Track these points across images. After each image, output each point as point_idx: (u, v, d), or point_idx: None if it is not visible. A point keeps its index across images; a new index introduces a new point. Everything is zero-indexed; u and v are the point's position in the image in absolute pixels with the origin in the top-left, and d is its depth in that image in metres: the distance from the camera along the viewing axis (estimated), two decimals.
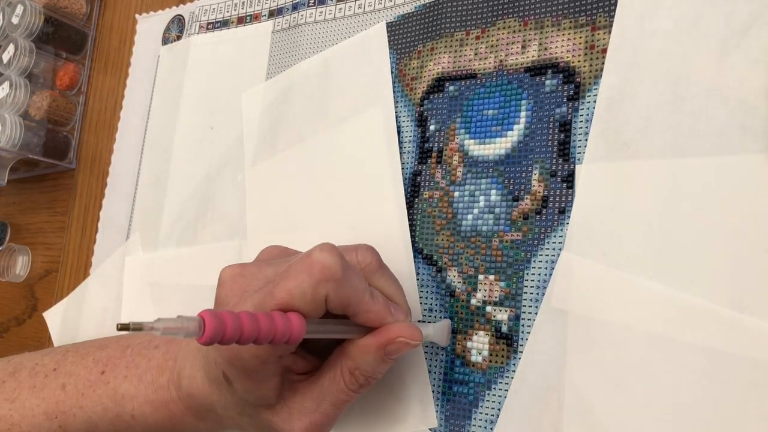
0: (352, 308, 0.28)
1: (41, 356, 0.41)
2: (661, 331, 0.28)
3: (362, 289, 0.29)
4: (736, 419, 0.26)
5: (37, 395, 0.38)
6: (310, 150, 0.42)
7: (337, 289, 0.27)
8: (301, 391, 0.30)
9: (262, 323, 0.25)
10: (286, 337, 0.26)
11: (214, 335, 0.23)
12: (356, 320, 0.29)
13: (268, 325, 0.25)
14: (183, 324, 0.23)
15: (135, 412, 0.35)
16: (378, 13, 0.42)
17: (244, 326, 0.24)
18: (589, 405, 0.29)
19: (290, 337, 0.26)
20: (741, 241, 0.27)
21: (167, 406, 0.34)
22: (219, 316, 0.24)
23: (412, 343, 0.30)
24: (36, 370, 0.39)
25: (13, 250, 0.62)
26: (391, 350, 0.29)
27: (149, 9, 0.57)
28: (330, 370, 0.30)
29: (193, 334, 0.23)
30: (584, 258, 0.31)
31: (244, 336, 0.24)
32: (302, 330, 0.26)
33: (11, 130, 0.56)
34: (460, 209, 0.36)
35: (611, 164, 0.31)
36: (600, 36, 0.33)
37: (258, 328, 0.25)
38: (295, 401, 0.30)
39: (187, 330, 0.23)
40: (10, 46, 0.59)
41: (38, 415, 0.37)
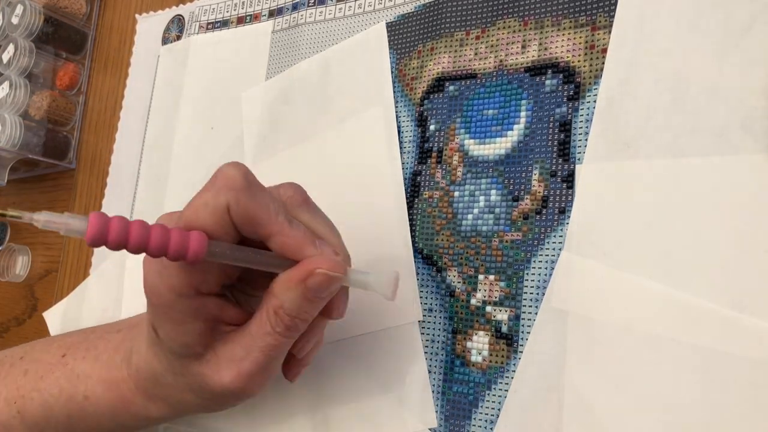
0: (263, 228, 0.27)
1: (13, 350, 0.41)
2: (661, 331, 0.28)
3: (273, 208, 0.27)
4: (736, 419, 0.26)
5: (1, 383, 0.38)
6: (310, 150, 0.42)
7: (239, 198, 0.26)
8: (231, 339, 0.29)
9: (154, 233, 0.24)
10: (183, 251, 0.25)
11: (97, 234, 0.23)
12: (271, 245, 0.27)
13: (160, 236, 0.24)
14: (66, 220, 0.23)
15: (88, 393, 0.35)
16: (378, 13, 0.42)
17: (132, 233, 0.24)
18: (589, 405, 0.29)
19: (187, 251, 0.25)
20: (741, 241, 0.27)
21: (118, 385, 0.34)
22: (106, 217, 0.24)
23: (333, 275, 0.27)
24: (4, 361, 0.39)
25: (13, 250, 0.62)
26: (312, 284, 0.27)
27: (149, 9, 0.57)
28: (258, 313, 0.28)
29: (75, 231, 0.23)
30: (584, 258, 0.31)
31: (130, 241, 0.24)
32: (202, 244, 0.25)
33: (11, 130, 0.56)
34: (460, 209, 0.36)
35: (611, 164, 0.31)
36: (600, 36, 0.33)
37: (147, 237, 0.24)
38: (225, 350, 0.29)
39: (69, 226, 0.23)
40: (10, 46, 0.59)
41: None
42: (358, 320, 0.37)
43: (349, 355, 0.37)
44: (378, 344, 0.36)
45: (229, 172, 0.26)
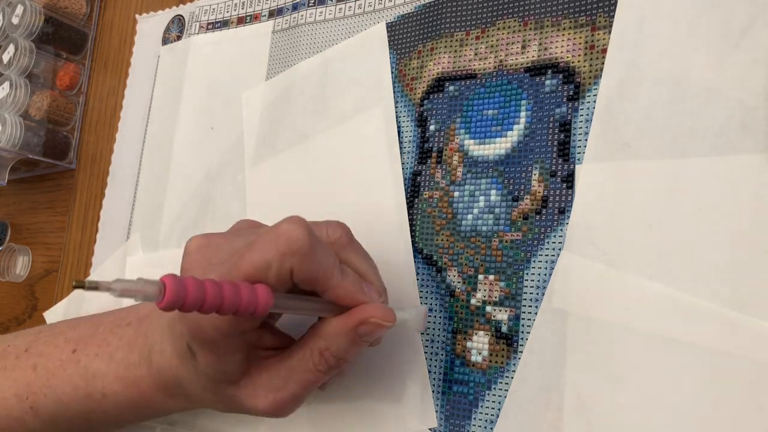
0: (320, 284, 0.27)
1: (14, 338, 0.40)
2: (661, 331, 0.28)
3: (330, 264, 0.27)
4: (736, 419, 0.26)
5: (8, 377, 0.37)
6: (310, 150, 0.42)
7: (303, 263, 0.26)
8: (269, 367, 0.29)
9: (226, 292, 0.24)
10: (251, 309, 0.25)
11: (174, 300, 0.22)
12: (326, 297, 0.28)
13: (232, 294, 0.24)
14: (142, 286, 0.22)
15: (106, 390, 0.35)
16: (378, 13, 0.42)
17: (207, 293, 0.23)
18: (589, 405, 0.29)
19: (256, 308, 0.25)
20: (741, 241, 0.27)
21: (137, 383, 0.34)
22: (181, 281, 0.23)
23: (385, 325, 0.28)
24: (7, 352, 0.39)
25: (13, 250, 0.62)
26: (363, 332, 0.28)
27: (149, 9, 0.57)
28: (300, 349, 0.29)
29: (152, 297, 0.22)
30: (584, 258, 0.31)
31: (206, 304, 0.23)
32: (269, 302, 0.25)
33: (11, 130, 0.56)
34: (460, 209, 0.36)
35: (611, 164, 0.31)
36: (600, 36, 0.33)
37: (221, 296, 0.24)
38: (262, 377, 0.29)
39: (146, 293, 0.22)
40: (10, 46, 0.59)
41: (9, 397, 0.36)
42: None
43: None
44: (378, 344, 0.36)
45: (293, 233, 0.26)
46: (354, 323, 0.28)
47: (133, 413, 0.35)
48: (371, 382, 0.36)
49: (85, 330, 0.38)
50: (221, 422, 0.41)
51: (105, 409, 0.35)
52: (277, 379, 0.29)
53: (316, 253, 0.27)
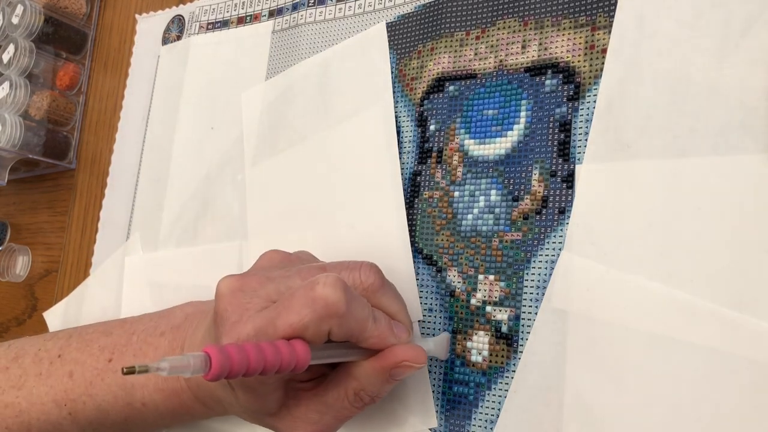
0: (355, 337, 0.29)
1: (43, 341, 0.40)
2: (661, 331, 0.28)
3: (365, 317, 0.28)
4: (736, 419, 0.26)
5: (44, 383, 0.37)
6: (310, 150, 0.42)
7: (341, 325, 0.27)
8: (305, 402, 0.31)
9: (268, 355, 0.25)
10: (291, 367, 0.26)
11: (221, 371, 0.24)
12: (359, 344, 0.29)
13: (273, 356, 0.25)
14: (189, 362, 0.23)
15: (146, 400, 0.35)
16: (378, 13, 0.42)
17: (251, 360, 0.24)
18: (589, 405, 0.29)
19: (296, 366, 0.26)
20: (741, 241, 0.27)
21: (178, 394, 0.35)
22: (225, 351, 0.24)
23: (417, 366, 0.30)
24: (40, 356, 0.39)
25: (13, 250, 0.62)
26: (397, 373, 0.30)
27: (149, 9, 0.57)
28: (335, 388, 0.30)
29: (199, 371, 0.23)
30: (584, 258, 0.31)
31: (250, 370, 0.24)
32: (307, 359, 0.26)
33: (11, 130, 0.56)
34: (460, 209, 0.36)
35: (611, 164, 0.31)
36: (600, 36, 0.33)
37: (264, 360, 0.25)
38: (299, 411, 0.31)
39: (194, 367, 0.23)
40: (10, 46, 0.59)
41: (47, 402, 0.37)
42: None
43: None
44: None
45: (330, 297, 0.26)
46: (388, 366, 0.29)
47: (174, 420, 0.36)
48: None
49: (118, 338, 0.38)
50: (221, 422, 0.41)
51: (145, 416, 0.36)
52: (315, 414, 0.30)
53: (352, 313, 0.27)
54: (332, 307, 0.26)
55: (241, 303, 0.29)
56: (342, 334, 0.28)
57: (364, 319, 0.28)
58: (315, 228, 0.41)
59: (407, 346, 0.30)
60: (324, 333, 0.27)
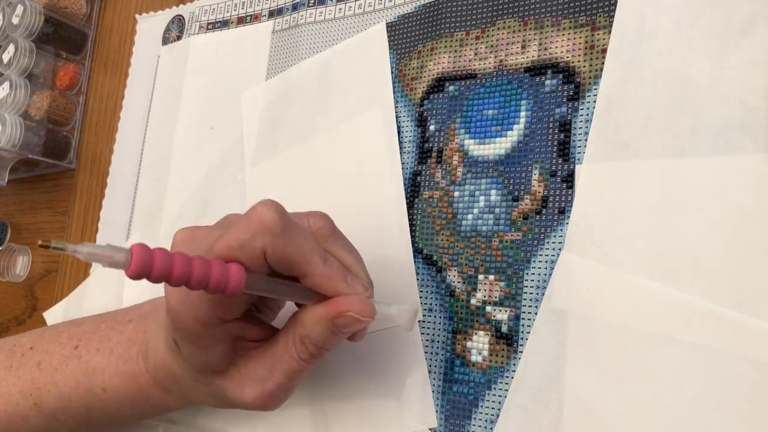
0: (298, 267, 0.27)
1: (19, 337, 0.41)
2: (661, 331, 0.28)
3: (308, 248, 0.27)
4: (736, 419, 0.26)
5: (14, 374, 0.38)
6: (310, 150, 0.42)
7: (276, 242, 0.26)
8: (255, 358, 0.29)
9: (196, 265, 0.24)
10: (222, 285, 0.25)
11: (140, 269, 0.22)
12: (306, 283, 0.28)
13: (202, 268, 0.24)
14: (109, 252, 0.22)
15: (105, 385, 0.35)
16: (378, 13, 0.42)
17: (175, 265, 0.23)
18: (589, 405, 0.29)
19: (227, 286, 0.25)
20: (741, 241, 0.27)
21: (136, 378, 0.34)
22: (149, 251, 0.23)
23: (362, 320, 0.28)
24: (13, 351, 0.39)
25: (13, 250, 0.62)
26: (340, 324, 0.28)
27: (149, 9, 0.57)
28: (283, 336, 0.29)
29: (118, 264, 0.22)
30: (584, 258, 0.31)
31: (173, 275, 0.23)
32: (241, 280, 0.25)
33: (11, 130, 0.56)
34: (460, 209, 0.36)
35: (611, 164, 0.31)
36: (600, 36, 0.33)
37: (190, 268, 0.24)
38: (248, 368, 0.29)
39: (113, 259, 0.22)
40: (10, 46, 0.59)
41: (14, 393, 0.37)
42: None
43: (349, 355, 0.37)
44: (378, 344, 0.36)
45: (265, 214, 0.26)
46: (332, 314, 0.28)
47: (132, 409, 0.36)
48: (371, 382, 0.36)
49: (88, 327, 0.39)
50: (221, 421, 0.41)
51: (105, 404, 0.36)
52: (263, 369, 0.29)
53: (290, 234, 0.26)
54: (265, 222, 0.26)
55: (189, 247, 0.28)
56: (279, 258, 0.26)
57: (307, 249, 0.27)
58: None
59: (356, 297, 0.28)
60: (258, 251, 0.26)
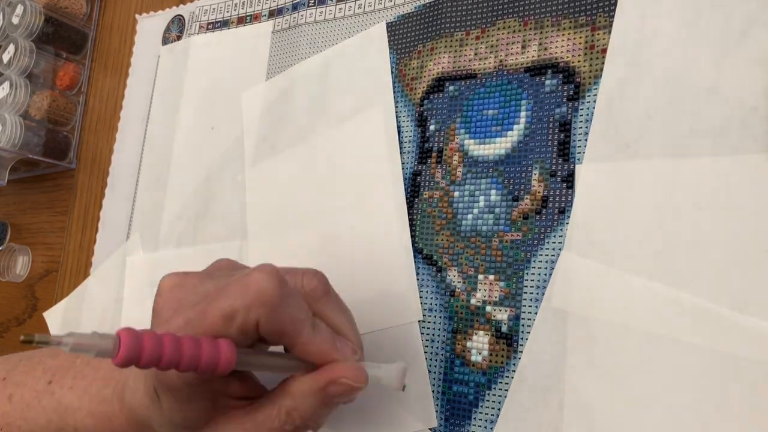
0: (289, 339, 0.26)
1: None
2: (661, 331, 0.28)
3: (301, 319, 0.26)
4: (736, 419, 0.26)
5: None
6: (310, 150, 0.42)
7: (270, 315, 0.25)
8: (234, 419, 0.28)
9: (186, 349, 0.23)
10: (211, 367, 0.24)
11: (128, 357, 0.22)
12: (295, 353, 0.27)
13: (192, 351, 0.23)
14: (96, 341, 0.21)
15: (78, 425, 0.34)
16: (378, 13, 0.42)
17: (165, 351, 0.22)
18: (589, 405, 0.29)
19: (217, 367, 0.24)
20: (741, 241, 0.27)
21: (110, 419, 0.33)
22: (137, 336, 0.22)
23: (356, 386, 0.27)
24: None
25: (13, 250, 0.62)
26: (332, 392, 0.27)
27: (149, 9, 0.57)
28: (267, 405, 0.28)
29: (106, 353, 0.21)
30: (584, 258, 0.31)
31: (163, 361, 0.22)
32: (231, 360, 0.24)
33: (11, 130, 0.56)
34: (460, 209, 0.36)
35: (611, 164, 0.31)
36: (600, 36, 0.33)
37: (180, 354, 0.23)
38: (227, 428, 0.28)
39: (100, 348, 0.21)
40: (10, 46, 0.59)
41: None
42: (358, 320, 0.37)
43: None
44: (378, 344, 0.36)
45: (261, 283, 0.25)
46: (323, 383, 0.27)
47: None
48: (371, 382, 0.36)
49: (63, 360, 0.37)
50: None
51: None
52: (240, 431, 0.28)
53: (285, 306, 0.26)
54: (263, 294, 0.25)
55: (178, 298, 0.28)
56: (272, 330, 0.26)
57: (299, 319, 0.26)
58: (315, 228, 0.41)
59: (347, 364, 0.27)
60: (252, 323, 0.25)
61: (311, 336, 0.27)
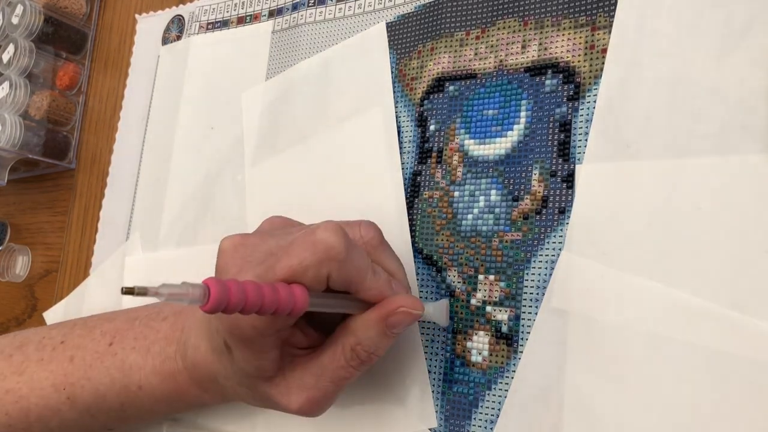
0: (354, 286, 0.28)
1: (48, 330, 0.41)
2: (661, 331, 0.28)
3: (365, 267, 0.28)
4: (736, 419, 0.26)
5: (45, 368, 0.38)
6: (310, 150, 0.42)
7: (340, 269, 0.27)
8: (301, 366, 0.30)
9: (266, 293, 0.25)
10: (289, 309, 0.26)
11: (218, 303, 0.23)
12: (358, 296, 0.29)
13: (271, 295, 0.25)
14: (188, 290, 0.23)
15: (142, 383, 0.35)
16: (378, 13, 0.42)
17: (249, 295, 0.24)
18: (589, 405, 0.29)
19: (293, 308, 0.26)
20: (741, 241, 0.27)
21: (174, 376, 0.35)
22: (224, 284, 0.24)
23: (414, 313, 0.29)
24: (43, 344, 0.39)
25: (13, 250, 0.62)
26: (393, 322, 0.29)
27: (149, 9, 0.57)
28: (331, 346, 0.30)
29: (197, 300, 0.23)
30: (584, 258, 0.31)
31: (248, 305, 0.24)
32: (305, 302, 0.26)
33: (11, 130, 0.56)
34: (460, 209, 0.36)
35: (611, 164, 0.31)
36: (600, 36, 0.33)
37: (262, 298, 0.25)
38: (294, 376, 0.30)
39: (192, 296, 0.23)
40: (10, 46, 0.59)
41: (46, 387, 0.37)
42: None
43: None
44: None
45: (330, 241, 0.27)
46: (384, 314, 0.29)
47: (168, 405, 0.36)
48: (371, 382, 0.36)
49: (121, 323, 0.39)
50: (221, 421, 0.41)
51: (141, 401, 0.36)
52: (310, 377, 0.30)
53: (351, 259, 0.27)
54: (332, 251, 0.26)
55: (241, 256, 0.29)
56: (341, 280, 0.27)
57: (363, 268, 0.28)
58: None
59: (404, 295, 0.30)
60: (323, 277, 0.27)
61: (372, 281, 0.29)
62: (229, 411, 0.41)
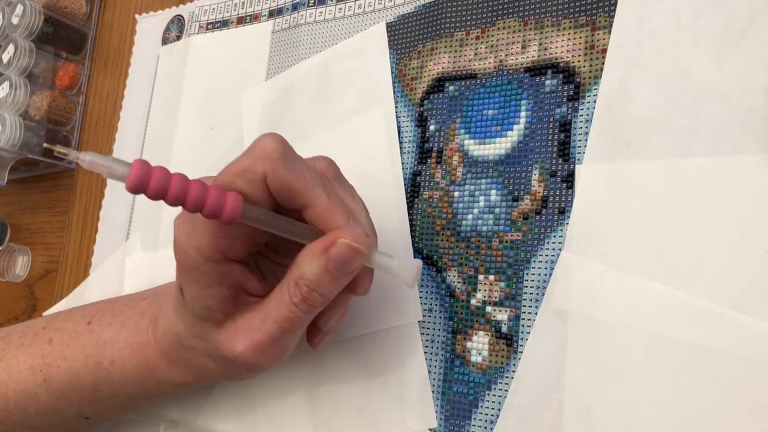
0: (299, 197, 0.27)
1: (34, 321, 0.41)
2: (661, 331, 0.28)
3: (310, 178, 0.27)
4: (736, 419, 0.26)
5: (24, 352, 0.38)
6: (311, 150, 0.42)
7: (276, 168, 0.26)
8: (251, 309, 0.29)
9: (192, 188, 0.25)
10: (218, 210, 0.25)
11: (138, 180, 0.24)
12: (307, 216, 0.27)
13: (198, 192, 0.25)
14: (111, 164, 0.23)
15: (114, 357, 0.35)
16: (378, 13, 0.42)
17: (172, 184, 0.24)
18: (589, 405, 0.29)
19: (222, 212, 0.25)
20: (741, 241, 0.27)
21: (144, 349, 0.34)
22: (148, 166, 0.24)
23: (355, 247, 0.26)
24: (26, 332, 0.39)
25: (13, 250, 0.62)
26: (334, 255, 0.26)
27: (149, 9, 0.57)
28: (279, 284, 0.28)
29: (118, 176, 0.24)
30: (584, 258, 0.31)
31: (169, 194, 0.24)
32: (237, 207, 0.25)
33: (11, 130, 0.56)
34: (460, 209, 0.36)
35: (611, 164, 0.31)
36: (600, 36, 0.33)
37: (185, 190, 0.25)
38: (243, 319, 0.29)
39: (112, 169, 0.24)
40: (10, 46, 0.59)
41: (24, 371, 0.37)
42: (358, 320, 0.37)
43: (349, 354, 0.37)
44: (378, 344, 0.36)
45: (266, 142, 0.27)
46: (325, 245, 0.27)
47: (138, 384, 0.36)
48: (371, 382, 0.36)
49: (102, 305, 0.39)
50: (222, 422, 0.41)
51: (112, 378, 0.36)
52: (256, 319, 0.28)
53: (291, 161, 0.27)
54: (267, 150, 0.26)
55: None
56: (280, 184, 0.26)
57: (305, 176, 0.27)
58: None
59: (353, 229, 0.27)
60: (258, 176, 0.26)
61: (325, 199, 0.27)
62: (230, 411, 0.41)
